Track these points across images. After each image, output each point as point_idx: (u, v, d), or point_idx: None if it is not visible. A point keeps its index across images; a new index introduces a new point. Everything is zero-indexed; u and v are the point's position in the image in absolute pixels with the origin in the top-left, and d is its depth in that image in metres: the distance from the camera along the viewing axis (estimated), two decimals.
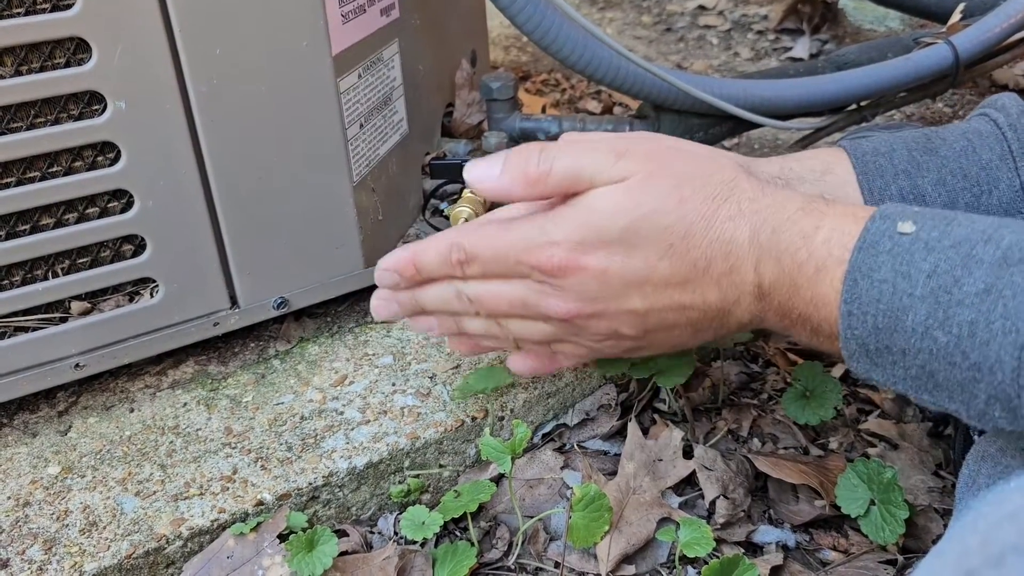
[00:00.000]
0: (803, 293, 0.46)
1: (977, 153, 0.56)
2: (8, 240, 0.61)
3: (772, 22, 1.57)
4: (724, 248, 0.49)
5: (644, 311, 0.52)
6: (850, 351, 0.44)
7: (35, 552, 0.58)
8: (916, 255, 0.42)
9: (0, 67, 0.58)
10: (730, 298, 0.50)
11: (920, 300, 0.41)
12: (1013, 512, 0.33)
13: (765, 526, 0.65)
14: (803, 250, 0.46)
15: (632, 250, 0.50)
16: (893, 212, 0.44)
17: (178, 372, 0.74)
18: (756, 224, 0.48)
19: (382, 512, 0.67)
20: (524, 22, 0.83)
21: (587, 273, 0.51)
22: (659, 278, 0.51)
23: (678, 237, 0.50)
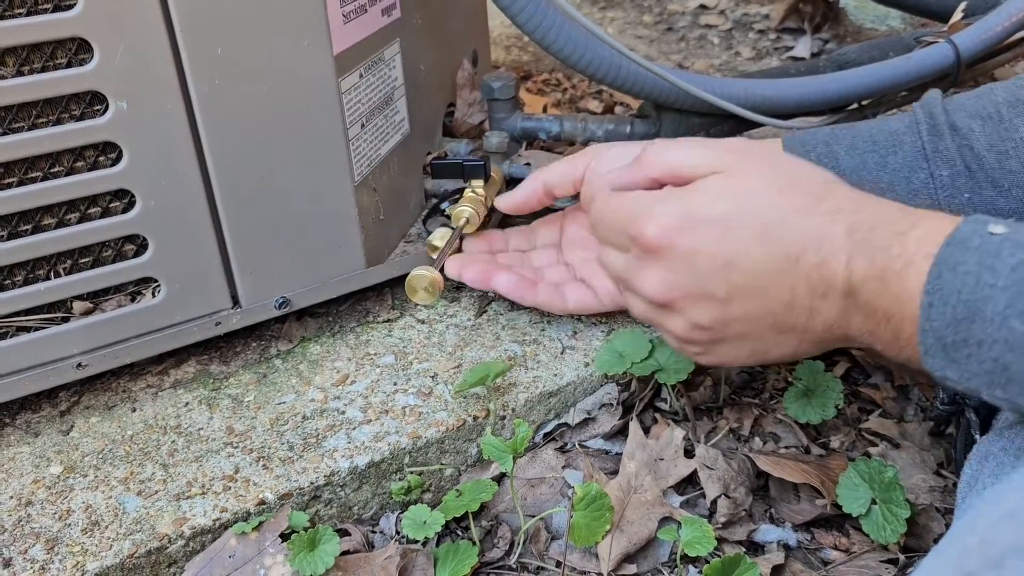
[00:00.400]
0: (891, 289, 0.46)
1: (887, 123, 0.60)
2: (10, 240, 0.61)
3: (773, 21, 1.57)
4: (817, 241, 0.49)
5: (726, 298, 0.52)
6: (927, 346, 0.44)
7: (37, 551, 0.58)
8: (1004, 251, 0.42)
9: (2, 67, 0.58)
10: (818, 291, 0.49)
11: (1002, 291, 0.41)
12: (1011, 512, 0.33)
13: (766, 525, 0.65)
14: (896, 246, 0.46)
15: (727, 231, 0.51)
16: (987, 218, 0.44)
17: (180, 372, 0.74)
18: (855, 222, 0.48)
19: (384, 511, 0.67)
20: (525, 22, 0.83)
21: (678, 251, 0.52)
22: (750, 262, 0.51)
23: (773, 223, 0.50)
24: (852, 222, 0.49)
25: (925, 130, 0.58)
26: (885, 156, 0.59)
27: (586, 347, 0.74)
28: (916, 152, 0.58)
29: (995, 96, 0.57)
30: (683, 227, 0.52)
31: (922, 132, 0.58)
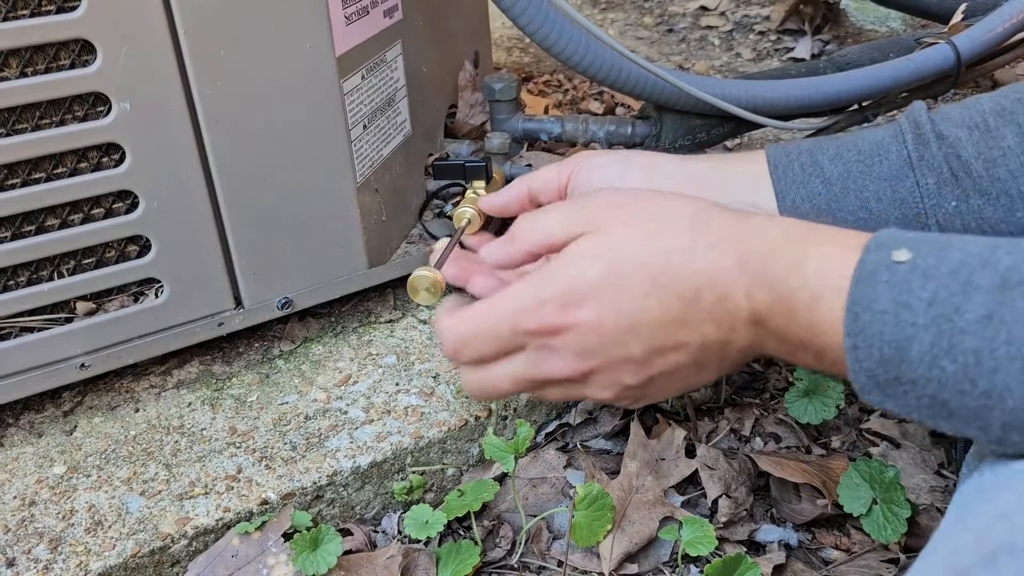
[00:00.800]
0: (801, 320, 0.46)
1: (873, 134, 0.59)
2: (14, 241, 0.62)
3: (774, 23, 1.58)
4: (710, 278, 0.48)
5: (644, 357, 0.51)
6: (861, 384, 0.44)
7: (41, 551, 0.58)
8: (914, 283, 0.41)
9: (6, 68, 0.58)
10: (725, 326, 0.49)
11: (924, 329, 0.41)
12: (1005, 511, 0.33)
13: (767, 525, 0.65)
14: (795, 277, 0.45)
15: (620, 293, 0.50)
16: (887, 240, 0.44)
17: (183, 372, 0.74)
18: (741, 252, 0.48)
19: (386, 511, 0.67)
20: (526, 23, 0.83)
21: (582, 327, 0.51)
22: (651, 317, 0.50)
23: (660, 271, 0.49)
24: (739, 253, 0.48)
25: (911, 139, 0.57)
26: (870, 165, 0.58)
27: None
28: (902, 161, 0.57)
29: (981, 106, 0.57)
30: (577, 301, 0.50)
31: (907, 141, 0.57)
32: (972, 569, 0.31)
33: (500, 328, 0.52)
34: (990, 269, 0.40)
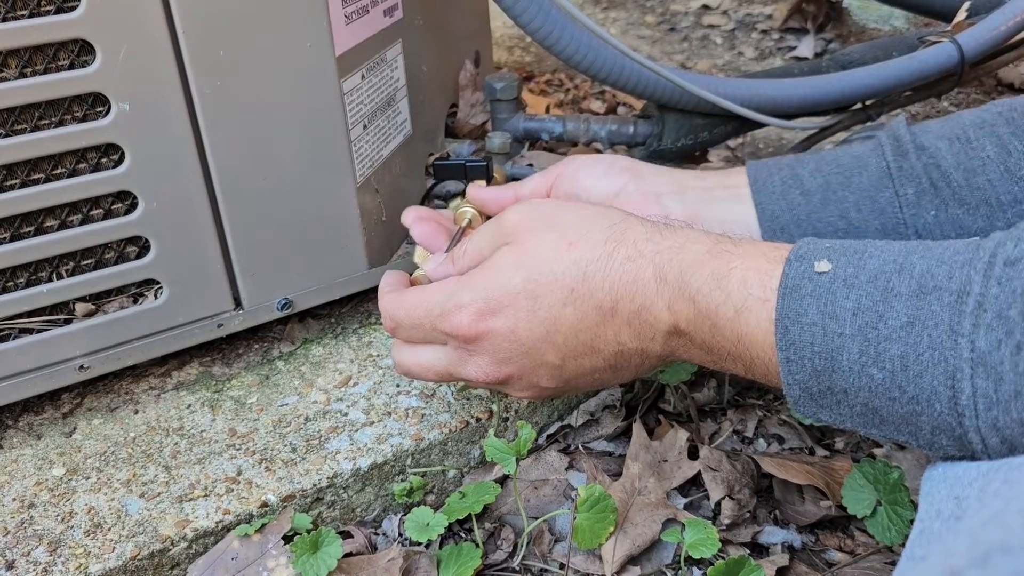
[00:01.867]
0: (725, 333, 0.46)
1: (852, 148, 0.60)
2: (12, 242, 0.61)
3: (776, 21, 1.57)
4: (629, 288, 0.49)
5: (559, 363, 0.53)
6: (795, 397, 0.45)
7: (40, 554, 0.58)
8: (838, 294, 0.42)
9: (4, 69, 0.58)
10: (645, 336, 0.50)
11: (850, 339, 0.41)
12: (997, 513, 0.33)
13: (771, 527, 0.65)
14: (717, 291, 0.46)
15: (536, 301, 0.51)
16: (807, 252, 0.45)
17: (182, 374, 0.74)
18: (660, 264, 0.49)
19: (386, 513, 0.67)
20: (527, 22, 0.83)
21: (497, 335, 0.52)
22: (567, 325, 0.51)
23: (577, 281, 0.50)
24: (657, 265, 0.49)
25: (889, 150, 0.57)
26: (850, 177, 0.58)
27: None
28: (881, 172, 0.57)
29: (962, 120, 0.57)
30: (493, 310, 0.52)
31: (886, 152, 0.58)
32: (965, 570, 0.31)
33: (423, 322, 0.55)
34: (905, 274, 0.41)
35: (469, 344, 0.54)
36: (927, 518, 0.41)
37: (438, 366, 0.57)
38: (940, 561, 0.34)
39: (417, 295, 0.56)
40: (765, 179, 0.61)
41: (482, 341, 0.53)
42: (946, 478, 0.41)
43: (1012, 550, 0.30)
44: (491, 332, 0.52)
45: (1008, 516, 0.32)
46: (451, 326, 0.53)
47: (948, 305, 0.39)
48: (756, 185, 0.61)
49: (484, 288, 0.52)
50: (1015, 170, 0.54)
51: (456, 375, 0.56)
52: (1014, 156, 0.54)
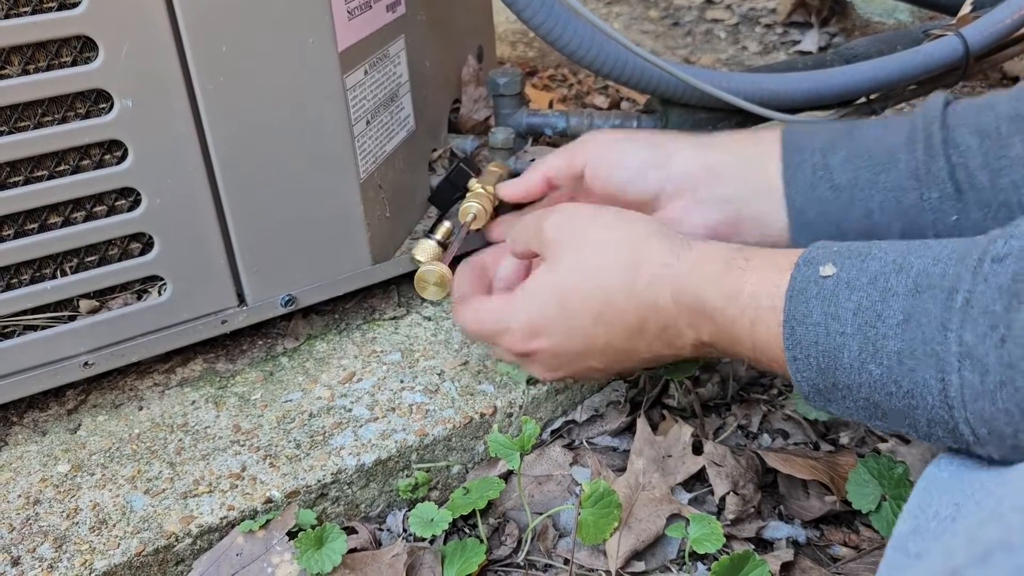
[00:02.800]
0: (744, 343, 0.50)
1: (886, 137, 0.59)
2: (17, 239, 0.61)
3: (780, 15, 1.57)
4: (652, 310, 0.54)
5: (604, 367, 0.60)
6: (804, 392, 0.47)
7: (46, 550, 0.58)
8: (840, 295, 0.45)
9: (7, 66, 0.58)
10: (676, 347, 0.56)
11: (851, 337, 0.44)
12: (994, 511, 0.33)
13: (775, 522, 0.65)
14: (732, 308, 0.50)
15: (570, 322, 0.57)
16: (815, 257, 0.47)
17: (186, 370, 0.74)
18: (677, 288, 0.53)
19: (391, 509, 0.67)
20: (530, 17, 0.83)
21: (544, 352, 0.60)
22: (602, 342, 0.57)
23: (604, 304, 0.56)
24: (675, 289, 0.53)
25: (921, 149, 0.57)
26: (878, 174, 0.59)
27: None
28: (910, 172, 0.58)
29: (998, 108, 0.57)
30: (536, 332, 0.59)
31: (917, 151, 0.58)
32: (965, 568, 0.31)
33: (486, 336, 0.63)
34: (904, 274, 0.43)
35: (524, 358, 0.62)
36: (923, 517, 0.42)
37: (509, 359, 0.65)
38: (940, 560, 0.34)
39: (475, 312, 0.63)
40: (798, 164, 0.62)
41: (533, 357, 0.61)
42: (950, 488, 0.41)
43: (1012, 547, 0.31)
44: (538, 351, 0.60)
45: (1005, 514, 0.32)
46: (506, 344, 0.61)
47: (940, 302, 0.41)
48: (788, 172, 0.62)
49: (526, 314, 0.59)
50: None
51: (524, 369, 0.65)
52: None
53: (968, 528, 0.34)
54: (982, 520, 0.33)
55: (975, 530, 0.33)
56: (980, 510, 0.36)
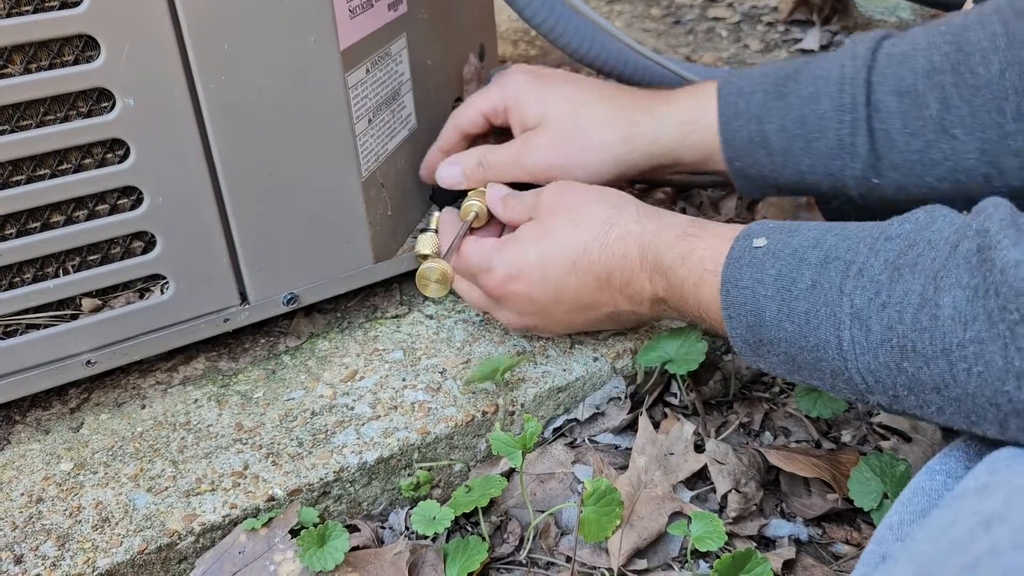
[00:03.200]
0: (689, 301, 0.57)
1: (818, 102, 0.64)
2: (19, 237, 0.61)
3: (782, 14, 1.56)
4: (620, 262, 0.61)
5: (568, 318, 0.67)
6: (738, 347, 0.54)
7: (48, 548, 0.58)
8: (766, 263, 0.52)
9: (9, 65, 0.58)
10: (635, 302, 0.63)
11: (771, 299, 0.51)
12: (985, 519, 0.34)
13: (777, 520, 0.65)
14: (682, 268, 0.57)
15: (546, 270, 0.64)
16: (752, 231, 0.54)
17: (189, 368, 0.74)
18: (643, 244, 0.60)
19: (393, 507, 0.67)
20: (532, 15, 0.83)
21: (517, 296, 0.66)
22: (571, 291, 0.64)
23: (578, 255, 0.63)
24: (641, 245, 0.60)
25: (848, 123, 0.63)
26: (810, 142, 0.65)
27: (595, 342, 0.74)
28: (837, 142, 0.64)
29: (916, 61, 0.61)
30: (514, 276, 0.65)
31: (844, 125, 0.63)
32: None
33: (470, 271, 0.69)
34: (818, 248, 0.50)
35: (498, 300, 0.68)
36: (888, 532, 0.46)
37: (478, 303, 0.71)
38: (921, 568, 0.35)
39: (466, 250, 0.69)
40: (735, 131, 0.68)
41: (506, 299, 0.67)
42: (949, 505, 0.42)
43: (1000, 553, 0.32)
44: (513, 293, 0.66)
45: (995, 524, 0.34)
46: (483, 283, 0.67)
47: (840, 272, 0.48)
48: (726, 141, 0.69)
49: (511, 257, 0.65)
50: (948, 127, 0.60)
51: (490, 312, 0.71)
52: (952, 112, 0.59)
53: (958, 536, 0.36)
54: (971, 528, 0.35)
55: (964, 538, 0.35)
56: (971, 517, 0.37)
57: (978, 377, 0.41)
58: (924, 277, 0.44)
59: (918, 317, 0.43)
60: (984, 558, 0.33)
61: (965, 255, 0.42)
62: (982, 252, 0.41)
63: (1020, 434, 0.41)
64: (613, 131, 0.71)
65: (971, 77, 0.58)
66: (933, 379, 0.43)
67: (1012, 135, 0.57)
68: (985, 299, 0.40)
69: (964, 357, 0.41)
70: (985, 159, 0.59)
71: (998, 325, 0.40)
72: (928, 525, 0.39)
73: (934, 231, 0.46)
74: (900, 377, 0.45)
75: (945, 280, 0.43)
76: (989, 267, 0.41)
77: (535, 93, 0.73)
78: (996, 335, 0.40)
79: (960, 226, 0.45)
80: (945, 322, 0.42)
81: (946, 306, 0.42)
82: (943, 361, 0.42)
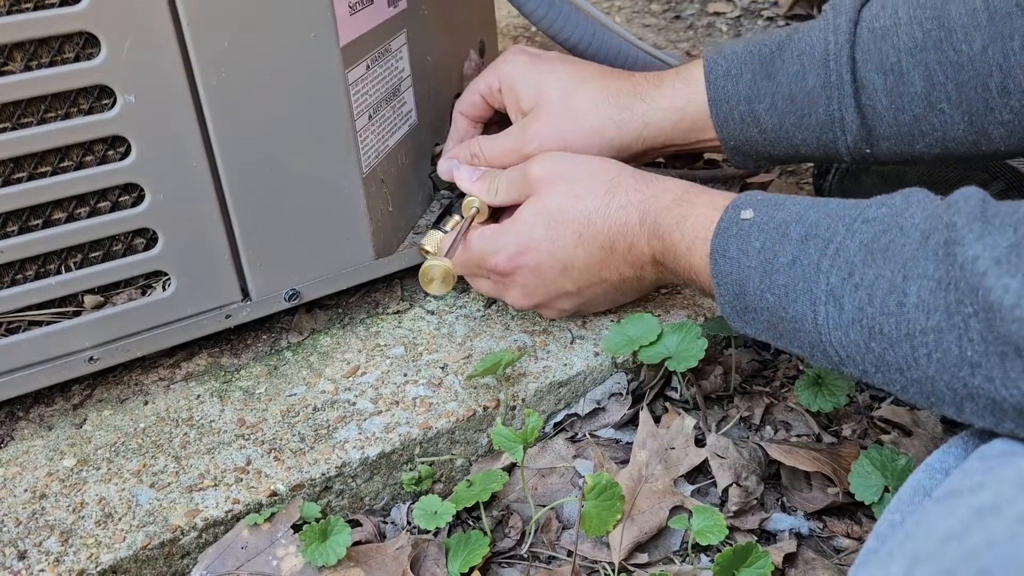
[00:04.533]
0: (682, 263, 0.60)
1: (805, 79, 0.65)
2: (21, 235, 0.62)
3: (782, 8, 1.56)
4: (622, 230, 0.64)
5: (576, 290, 0.68)
6: (726, 313, 0.57)
7: (52, 544, 0.58)
8: (752, 236, 0.54)
9: (10, 62, 0.58)
10: (637, 266, 0.65)
11: (754, 270, 0.53)
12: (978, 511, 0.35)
13: (778, 514, 0.65)
14: (676, 232, 0.60)
15: (553, 243, 0.66)
16: (741, 202, 0.56)
17: (191, 364, 0.74)
18: (642, 211, 0.63)
19: (395, 502, 0.67)
20: (532, 11, 0.83)
21: (526, 270, 0.67)
22: (580, 262, 0.66)
23: (583, 226, 0.65)
24: (640, 212, 0.63)
25: (836, 99, 0.64)
26: (801, 118, 0.66)
27: (596, 337, 0.74)
28: (828, 117, 0.65)
29: (898, 40, 0.61)
30: (521, 251, 0.67)
31: (833, 102, 0.64)
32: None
33: (474, 258, 0.70)
34: (800, 224, 0.52)
35: (506, 277, 0.69)
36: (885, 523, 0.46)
37: (486, 289, 0.73)
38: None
39: (470, 239, 0.70)
40: (727, 114, 0.69)
41: (515, 275, 0.68)
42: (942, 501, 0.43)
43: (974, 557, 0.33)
44: (521, 267, 0.67)
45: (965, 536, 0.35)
46: (491, 264, 0.68)
47: (819, 249, 0.50)
48: (718, 122, 0.70)
49: (516, 235, 0.67)
50: (935, 102, 0.61)
51: (499, 296, 0.72)
52: (937, 88, 0.60)
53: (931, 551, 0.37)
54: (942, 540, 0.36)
55: (936, 552, 0.36)
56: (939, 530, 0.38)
57: (937, 363, 0.44)
58: (894, 264, 0.46)
59: (886, 302, 0.46)
60: (980, 549, 0.33)
61: (934, 247, 0.44)
62: (948, 246, 0.43)
63: (974, 417, 0.44)
64: (606, 115, 0.72)
65: (954, 55, 0.59)
66: (897, 361, 0.46)
67: (998, 108, 0.58)
68: (946, 292, 0.43)
69: (925, 343, 0.44)
70: (973, 129, 0.60)
71: (954, 317, 0.42)
72: (923, 521, 0.39)
73: (907, 218, 0.48)
74: (868, 355, 0.48)
75: (913, 270, 0.45)
76: (951, 261, 0.43)
77: (530, 74, 0.74)
78: (952, 326, 0.42)
79: (931, 214, 0.47)
80: (910, 309, 0.45)
81: (912, 294, 0.45)
82: (907, 345, 0.45)
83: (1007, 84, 0.57)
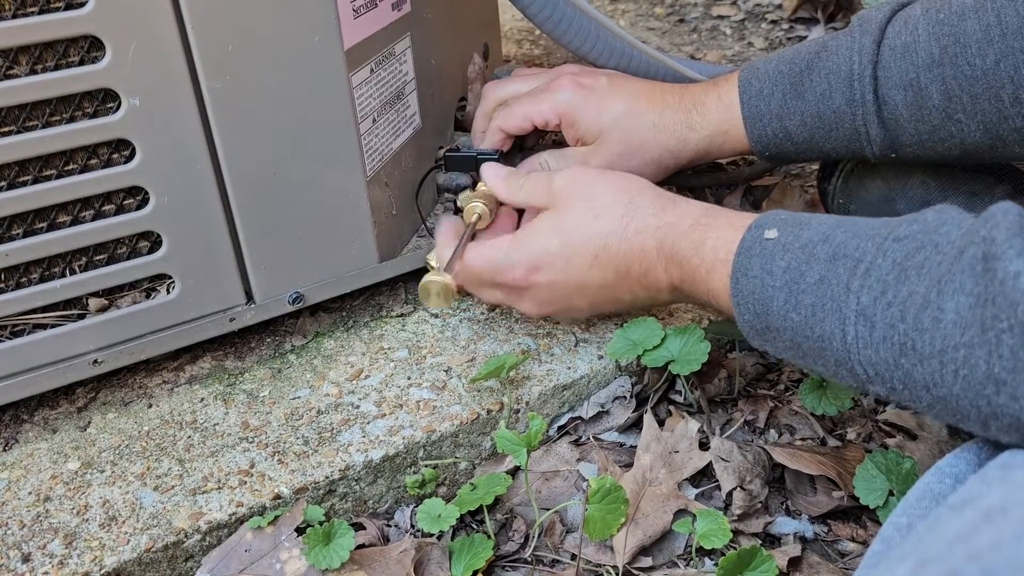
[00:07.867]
0: (700, 288, 0.60)
1: (832, 98, 0.69)
2: (26, 238, 0.62)
3: (786, 11, 1.56)
4: (638, 255, 0.64)
5: (589, 307, 0.69)
6: (747, 332, 0.57)
7: (56, 546, 0.58)
8: (776, 255, 0.54)
9: (15, 65, 0.58)
10: (652, 290, 0.65)
11: (779, 290, 0.53)
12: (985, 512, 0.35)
13: (783, 517, 0.65)
14: (695, 257, 0.60)
15: (569, 262, 0.66)
16: (764, 222, 0.56)
17: (195, 367, 0.74)
18: (659, 237, 0.63)
19: (399, 505, 0.67)
20: (536, 14, 0.83)
21: (540, 286, 0.67)
22: (594, 283, 0.66)
23: (600, 249, 0.65)
24: (657, 238, 0.63)
25: (860, 116, 0.68)
26: (829, 132, 0.70)
27: (600, 340, 0.74)
28: (854, 131, 0.69)
29: (917, 57, 0.64)
30: (537, 267, 0.66)
31: (858, 118, 0.68)
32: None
33: (484, 275, 0.69)
34: (827, 244, 0.52)
35: (520, 291, 0.69)
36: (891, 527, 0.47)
37: (497, 299, 0.72)
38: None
39: (479, 251, 0.69)
40: (760, 131, 0.74)
41: (529, 289, 0.68)
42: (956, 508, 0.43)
43: (978, 557, 0.34)
44: (535, 283, 0.67)
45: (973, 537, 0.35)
46: (505, 278, 0.68)
47: (848, 269, 0.50)
48: (753, 135, 0.74)
49: (532, 250, 0.67)
50: (952, 113, 0.63)
51: (510, 306, 0.72)
52: (953, 101, 0.63)
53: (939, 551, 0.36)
54: (950, 543, 0.36)
55: (944, 553, 0.36)
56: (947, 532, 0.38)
57: (963, 380, 0.43)
58: (929, 280, 0.45)
59: (920, 318, 0.45)
60: (985, 550, 0.33)
61: (970, 261, 0.44)
62: (987, 261, 0.43)
63: (1000, 434, 0.43)
64: (663, 147, 0.77)
65: (968, 68, 0.61)
66: (924, 377, 0.45)
67: (1011, 117, 0.61)
68: (983, 307, 0.42)
69: (955, 359, 0.43)
70: (988, 136, 0.63)
71: (988, 332, 0.42)
72: (936, 526, 0.39)
73: (941, 235, 0.47)
74: (897, 372, 0.47)
75: (949, 285, 0.44)
76: (991, 276, 0.42)
77: (588, 110, 0.78)
78: (984, 341, 0.42)
79: (968, 231, 0.46)
80: (947, 325, 0.44)
81: (949, 310, 0.44)
82: (936, 362, 0.44)
83: (1019, 95, 0.60)
